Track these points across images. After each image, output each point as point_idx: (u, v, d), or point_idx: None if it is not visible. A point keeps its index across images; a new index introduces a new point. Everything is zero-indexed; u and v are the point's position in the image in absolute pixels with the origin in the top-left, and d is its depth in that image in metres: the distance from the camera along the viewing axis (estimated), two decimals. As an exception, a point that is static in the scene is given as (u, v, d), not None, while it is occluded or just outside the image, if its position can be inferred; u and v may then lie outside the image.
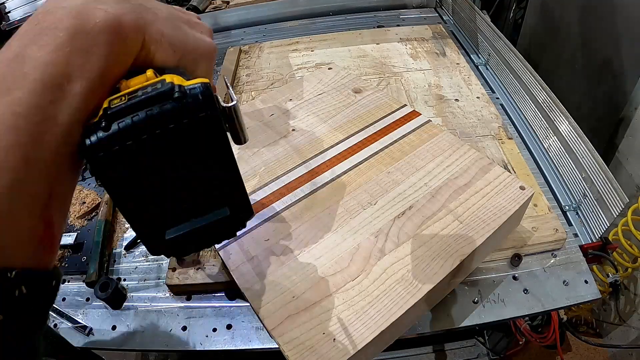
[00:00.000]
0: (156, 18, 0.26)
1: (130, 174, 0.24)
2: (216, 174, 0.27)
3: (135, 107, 0.22)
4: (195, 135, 0.24)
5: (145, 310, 0.55)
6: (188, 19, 0.30)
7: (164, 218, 0.27)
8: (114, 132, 0.22)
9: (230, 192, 0.28)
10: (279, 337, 0.39)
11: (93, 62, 0.22)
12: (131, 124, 0.22)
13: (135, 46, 0.25)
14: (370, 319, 0.39)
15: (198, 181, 0.27)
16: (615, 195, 0.54)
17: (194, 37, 0.29)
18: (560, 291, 0.52)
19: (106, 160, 0.23)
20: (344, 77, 0.72)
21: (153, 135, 0.23)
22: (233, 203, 0.29)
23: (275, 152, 0.59)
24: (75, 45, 0.22)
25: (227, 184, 0.28)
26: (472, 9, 0.97)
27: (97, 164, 0.23)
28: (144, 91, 0.23)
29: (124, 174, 0.24)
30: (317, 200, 0.51)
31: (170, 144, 0.24)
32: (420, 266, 0.43)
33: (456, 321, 0.50)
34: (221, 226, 0.29)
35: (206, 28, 0.32)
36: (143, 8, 0.26)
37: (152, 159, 0.24)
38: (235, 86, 0.89)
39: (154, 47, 0.26)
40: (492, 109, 0.75)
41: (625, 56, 0.98)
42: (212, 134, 0.25)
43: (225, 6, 1.23)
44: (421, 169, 0.53)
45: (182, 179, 0.26)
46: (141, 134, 0.22)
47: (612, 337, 1.19)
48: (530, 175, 0.63)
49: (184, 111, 0.23)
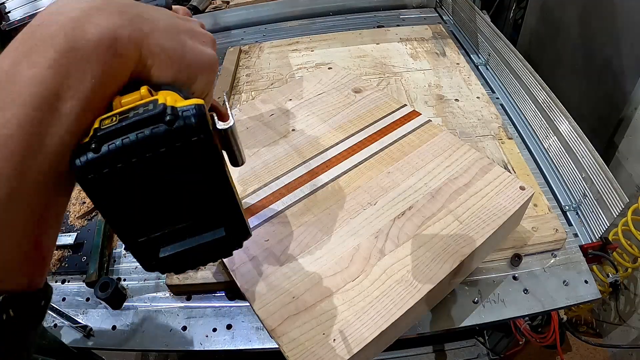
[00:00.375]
0: (154, 29, 0.25)
1: (120, 194, 0.23)
2: (210, 195, 0.26)
3: (125, 129, 0.22)
4: (188, 158, 0.24)
5: (145, 310, 0.55)
6: (189, 29, 0.29)
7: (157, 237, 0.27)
8: (103, 154, 0.21)
9: (225, 213, 0.28)
10: (279, 338, 0.39)
11: (86, 80, 0.22)
12: (121, 146, 0.21)
13: (131, 61, 0.24)
14: (370, 319, 0.39)
15: (192, 202, 0.26)
16: (615, 195, 0.54)
17: (193, 48, 0.28)
18: (560, 291, 0.52)
19: (96, 182, 0.22)
20: (344, 77, 0.72)
21: (144, 158, 0.22)
22: (229, 224, 0.28)
23: (275, 152, 0.59)
24: (67, 63, 0.21)
25: (222, 205, 0.27)
26: (472, 9, 0.97)
27: (87, 185, 0.22)
28: (135, 112, 0.22)
29: (114, 195, 0.23)
30: (317, 201, 0.51)
31: (162, 167, 0.23)
32: (420, 267, 0.43)
33: (456, 321, 0.50)
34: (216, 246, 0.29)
35: (209, 38, 0.30)
36: (140, 19, 0.25)
37: (144, 181, 0.23)
38: (235, 86, 0.89)
39: (151, 61, 0.25)
40: (492, 109, 0.75)
41: (625, 56, 0.98)
42: (206, 157, 0.24)
43: (225, 6, 1.23)
44: (421, 169, 0.53)
45: (175, 200, 0.25)
46: (132, 156, 0.22)
47: (612, 337, 1.19)
48: (530, 175, 0.63)
49: (175, 135, 0.22)
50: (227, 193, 0.27)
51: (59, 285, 0.60)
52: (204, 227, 0.28)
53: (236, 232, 0.29)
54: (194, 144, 0.23)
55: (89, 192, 0.23)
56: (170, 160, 0.23)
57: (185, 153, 0.23)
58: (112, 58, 0.23)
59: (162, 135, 0.22)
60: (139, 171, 0.23)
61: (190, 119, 0.22)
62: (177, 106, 0.23)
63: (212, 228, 0.28)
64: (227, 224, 0.28)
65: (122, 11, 0.24)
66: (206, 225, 0.28)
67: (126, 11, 0.24)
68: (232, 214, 0.28)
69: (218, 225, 0.28)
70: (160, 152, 0.22)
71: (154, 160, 0.22)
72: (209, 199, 0.26)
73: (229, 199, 0.27)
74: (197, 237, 0.28)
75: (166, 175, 0.24)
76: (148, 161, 0.22)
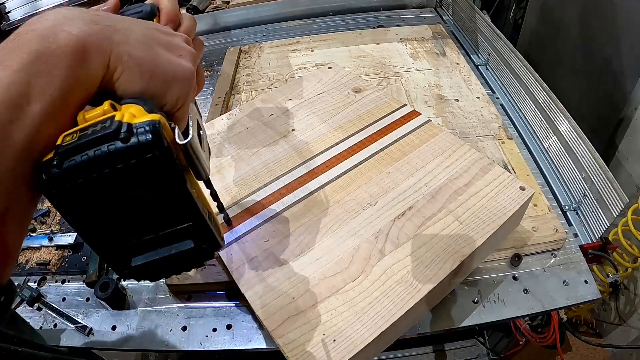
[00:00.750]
0: (126, 39, 0.26)
1: (85, 207, 0.24)
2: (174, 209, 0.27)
3: (84, 146, 0.22)
4: (145, 173, 0.24)
5: (145, 310, 0.55)
6: (167, 41, 0.29)
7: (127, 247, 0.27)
8: (64, 170, 0.22)
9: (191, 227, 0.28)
10: (279, 338, 0.39)
11: (54, 84, 0.22)
12: (80, 163, 0.22)
13: (99, 69, 0.25)
14: (370, 320, 0.39)
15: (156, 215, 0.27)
16: (615, 195, 0.54)
17: (167, 60, 0.28)
18: (560, 291, 0.52)
19: (60, 196, 0.23)
20: (344, 77, 0.72)
21: (103, 174, 0.23)
22: (196, 236, 0.29)
23: (275, 152, 0.59)
24: (37, 67, 0.22)
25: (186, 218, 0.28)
26: (472, 9, 0.97)
27: (52, 198, 0.23)
28: (94, 129, 0.23)
29: (79, 207, 0.24)
30: (317, 201, 0.51)
31: (121, 182, 0.24)
32: (420, 267, 0.43)
33: (456, 321, 0.50)
34: (187, 256, 0.29)
35: (187, 51, 0.30)
36: (112, 29, 0.25)
37: (105, 194, 0.24)
38: (235, 86, 0.89)
39: (120, 69, 0.25)
40: (492, 109, 0.75)
41: (625, 56, 0.98)
42: (163, 172, 0.25)
43: (225, 6, 1.22)
44: (421, 169, 0.53)
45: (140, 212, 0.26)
46: (91, 172, 0.23)
47: (612, 337, 1.19)
48: (530, 175, 0.63)
49: (130, 152, 0.23)
50: (191, 206, 0.27)
51: (59, 285, 0.60)
52: (172, 239, 0.28)
53: (205, 243, 0.29)
54: (149, 160, 0.23)
55: (55, 204, 0.24)
56: (128, 175, 0.24)
57: (141, 169, 0.24)
58: (80, 64, 0.23)
59: (118, 152, 0.23)
60: (99, 186, 0.23)
61: (144, 136, 0.23)
62: (134, 122, 0.23)
63: (180, 240, 0.28)
64: (194, 236, 0.29)
65: (94, 21, 0.25)
66: (174, 237, 0.28)
67: (98, 21, 0.25)
68: (197, 226, 0.28)
69: (185, 237, 0.28)
70: (118, 168, 0.23)
71: (113, 175, 0.23)
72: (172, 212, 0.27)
73: (193, 212, 0.28)
74: (167, 247, 0.28)
75: (127, 190, 0.24)
76: (107, 177, 0.23)
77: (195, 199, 0.27)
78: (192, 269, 0.32)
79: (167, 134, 0.25)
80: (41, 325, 0.55)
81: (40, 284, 0.60)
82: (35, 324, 0.55)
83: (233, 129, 0.64)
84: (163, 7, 0.34)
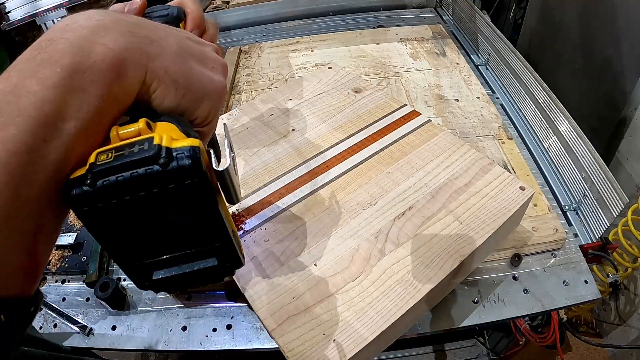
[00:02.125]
0: (162, 52, 0.25)
1: (114, 226, 0.24)
2: (203, 230, 0.27)
3: (120, 168, 0.22)
4: (181, 198, 0.24)
5: (145, 310, 0.55)
6: (200, 52, 0.28)
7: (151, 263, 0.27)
8: (98, 189, 0.22)
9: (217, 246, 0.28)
10: (279, 338, 0.39)
11: (90, 101, 0.22)
12: (116, 183, 0.22)
13: (135, 84, 0.24)
14: (370, 319, 0.39)
15: (185, 235, 0.27)
16: (615, 195, 0.54)
17: (201, 74, 0.27)
18: (560, 291, 0.52)
19: (90, 214, 0.23)
20: (344, 77, 0.72)
21: (137, 196, 0.23)
22: (221, 255, 0.29)
23: (275, 152, 0.59)
24: (72, 83, 0.21)
25: (215, 239, 0.28)
26: (472, 9, 0.97)
27: (82, 215, 0.23)
28: (130, 150, 0.22)
29: (108, 226, 0.24)
30: (317, 201, 0.51)
31: (155, 205, 0.24)
32: (420, 267, 0.43)
33: (456, 321, 0.50)
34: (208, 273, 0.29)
35: (219, 63, 0.30)
36: (149, 41, 0.25)
37: (137, 216, 0.24)
38: (235, 86, 0.89)
39: (156, 84, 0.25)
40: (492, 109, 0.75)
41: (625, 56, 0.98)
42: (198, 198, 0.25)
43: (225, 6, 1.23)
44: (421, 169, 0.53)
45: (169, 232, 0.26)
46: (125, 194, 0.22)
47: (612, 337, 1.19)
48: (530, 175, 0.63)
49: (169, 177, 0.23)
50: (220, 229, 0.27)
51: (59, 285, 0.60)
52: (197, 257, 0.28)
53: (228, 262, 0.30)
54: (187, 186, 0.23)
55: (84, 221, 0.23)
56: (163, 199, 0.23)
57: (178, 194, 0.23)
58: (117, 80, 0.23)
59: (156, 176, 0.22)
60: (132, 208, 0.23)
61: (184, 162, 0.23)
62: (173, 147, 0.23)
63: (205, 257, 0.29)
64: (219, 255, 0.29)
65: (131, 32, 0.24)
66: (198, 255, 0.28)
67: (135, 32, 0.24)
68: (224, 247, 0.28)
69: (210, 255, 0.29)
70: (154, 191, 0.23)
71: (147, 198, 0.23)
72: (202, 233, 0.27)
73: (222, 234, 0.28)
74: (190, 264, 0.28)
75: (159, 212, 0.24)
76: (141, 199, 0.23)
77: (224, 220, 0.27)
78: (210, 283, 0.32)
79: (204, 159, 0.25)
80: (41, 326, 0.55)
81: (40, 284, 0.60)
82: (35, 324, 0.55)
83: (233, 129, 0.64)
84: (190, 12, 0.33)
